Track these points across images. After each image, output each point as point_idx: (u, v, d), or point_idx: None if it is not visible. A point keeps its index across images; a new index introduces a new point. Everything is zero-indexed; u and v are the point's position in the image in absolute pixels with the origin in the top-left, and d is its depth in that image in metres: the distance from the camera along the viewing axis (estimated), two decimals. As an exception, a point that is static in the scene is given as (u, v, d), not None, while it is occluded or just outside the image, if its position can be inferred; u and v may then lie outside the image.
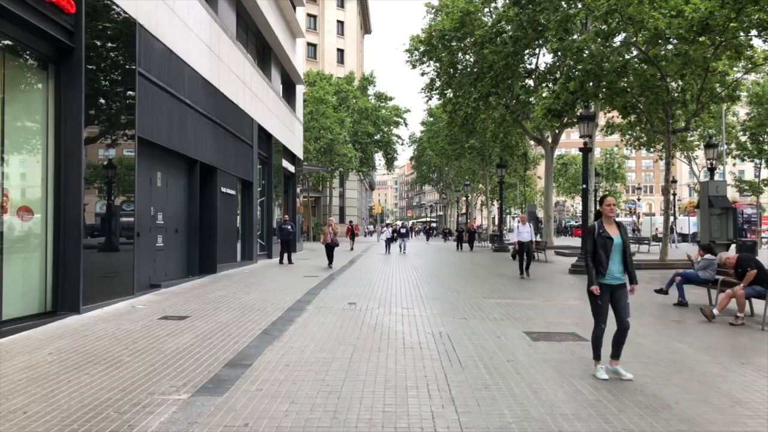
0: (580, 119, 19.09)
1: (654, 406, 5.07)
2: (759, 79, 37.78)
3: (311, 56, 58.08)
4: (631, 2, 18.25)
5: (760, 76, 37.08)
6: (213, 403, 4.98)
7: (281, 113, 25.49)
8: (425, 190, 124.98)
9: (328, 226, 20.42)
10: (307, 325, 8.66)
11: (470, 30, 29.40)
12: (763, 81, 38.37)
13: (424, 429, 4.47)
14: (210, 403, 5.00)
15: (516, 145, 41.46)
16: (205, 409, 4.85)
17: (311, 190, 50.54)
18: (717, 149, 24.92)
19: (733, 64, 22.61)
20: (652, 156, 66.11)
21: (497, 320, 9.38)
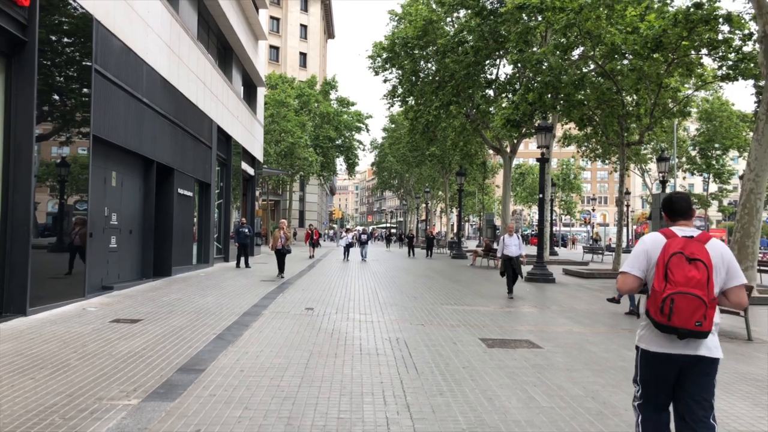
0: (538, 130, 19.45)
1: (604, 413, 5.18)
2: (708, 96, 39.15)
3: (273, 59, 57.69)
4: (589, 17, 18.72)
5: (709, 94, 38.43)
6: (164, 409, 4.88)
7: (242, 115, 25.24)
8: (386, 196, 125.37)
9: (279, 229, 17.94)
10: (263, 330, 8.57)
11: (432, 39, 29.68)
12: (712, 98, 39.77)
13: (379, 435, 4.47)
14: (161, 408, 4.89)
15: (475, 154, 41.98)
16: (156, 414, 4.74)
17: (271, 193, 50.11)
18: (668, 163, 25.70)
19: (684, 81, 23.40)
20: (607, 168, 67.79)
21: (454, 327, 9.45)
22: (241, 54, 24.60)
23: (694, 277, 3.28)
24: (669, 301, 3.28)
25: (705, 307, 3.25)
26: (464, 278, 19.43)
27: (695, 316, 3.24)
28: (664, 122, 27.64)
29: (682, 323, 3.26)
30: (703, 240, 3.42)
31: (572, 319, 10.84)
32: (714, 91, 37.61)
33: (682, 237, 3.45)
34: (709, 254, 3.35)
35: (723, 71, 19.26)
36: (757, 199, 14.38)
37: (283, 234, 17.62)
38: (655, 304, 3.37)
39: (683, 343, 3.37)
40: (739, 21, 17.28)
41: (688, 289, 3.26)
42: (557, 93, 21.33)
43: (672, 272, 3.32)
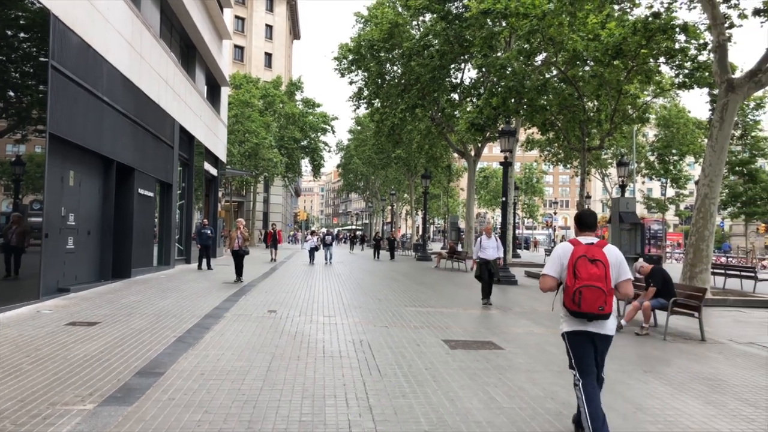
0: (502, 134, 19.69)
1: (563, 413, 5.26)
2: (666, 103, 40.19)
3: (238, 59, 57.10)
4: (552, 24, 19.04)
5: (667, 101, 39.45)
6: (121, 414, 4.78)
7: (205, 115, 24.91)
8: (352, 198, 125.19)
9: (236, 229, 16.83)
10: (225, 332, 8.46)
11: (398, 42, 29.78)
12: (669, 106, 40.83)
13: (341, 438, 4.45)
14: (118, 413, 4.79)
15: (440, 157, 42.22)
16: (112, 419, 4.64)
17: (234, 194, 49.56)
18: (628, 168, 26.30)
19: (643, 88, 23.97)
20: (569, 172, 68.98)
21: (417, 328, 9.48)
22: (205, 53, 24.29)
23: (595, 274, 4.33)
24: (578, 293, 4.33)
25: (605, 296, 4.32)
26: (429, 280, 19.52)
27: (598, 302, 4.31)
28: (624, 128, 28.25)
29: (588, 308, 4.33)
30: (601, 246, 4.50)
31: (533, 320, 10.99)
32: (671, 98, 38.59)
33: (585, 244, 4.51)
34: (606, 256, 4.43)
35: (680, 79, 19.80)
36: (711, 204, 14.79)
37: (240, 234, 16.57)
38: (568, 296, 4.42)
39: (592, 324, 4.47)
40: (695, 31, 17.79)
41: (591, 283, 4.31)
42: (521, 98, 21.63)
43: (579, 271, 4.37)
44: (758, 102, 33.97)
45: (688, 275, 14.61)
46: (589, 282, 4.31)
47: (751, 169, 35.60)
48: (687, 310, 9.93)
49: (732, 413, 5.51)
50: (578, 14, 19.66)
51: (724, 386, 6.56)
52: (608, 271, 4.37)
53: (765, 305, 15.04)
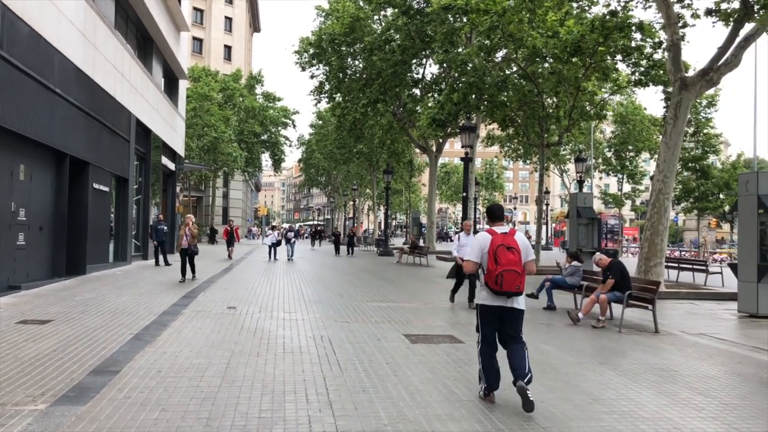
0: (462, 130, 19.81)
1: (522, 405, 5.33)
2: (623, 100, 41.07)
3: (197, 51, 56.11)
4: (512, 20, 19.25)
5: (623, 98, 40.32)
6: (74, 413, 4.65)
7: (162, 108, 24.42)
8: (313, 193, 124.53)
9: (184, 225, 15.34)
10: (183, 329, 8.32)
11: (360, 36, 29.71)
12: (626, 103, 41.74)
13: (301, 434, 4.42)
14: (71, 413, 4.66)
15: (402, 152, 42.34)
16: (65, 419, 4.52)
17: (193, 189, 48.78)
18: (585, 163, 26.80)
19: (600, 85, 24.46)
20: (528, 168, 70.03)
21: (378, 323, 9.49)
22: (162, 45, 23.78)
23: (512, 260, 5.19)
24: (500, 276, 5.16)
25: (520, 277, 5.20)
26: (390, 275, 19.57)
27: (515, 283, 5.18)
28: (582, 124, 28.82)
29: (508, 288, 5.18)
30: (512, 234, 5.35)
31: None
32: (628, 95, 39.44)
33: (500, 234, 5.33)
34: (518, 243, 5.28)
35: (636, 77, 20.28)
36: (666, 199, 15.19)
37: (189, 231, 15.07)
38: (491, 278, 5.23)
39: (510, 300, 5.31)
40: (650, 30, 18.23)
41: (510, 267, 5.16)
42: (481, 94, 21.83)
43: (499, 257, 5.19)
44: (710, 100, 35.00)
45: (643, 269, 14.98)
46: (508, 267, 5.17)
47: (703, 165, 36.70)
48: (642, 303, 10.18)
49: (683, 402, 5.67)
50: (538, 11, 19.94)
51: (675, 376, 6.75)
52: (521, 256, 5.25)
53: (715, 297, 15.54)
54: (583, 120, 25.40)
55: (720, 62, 14.55)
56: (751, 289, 11.95)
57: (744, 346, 8.91)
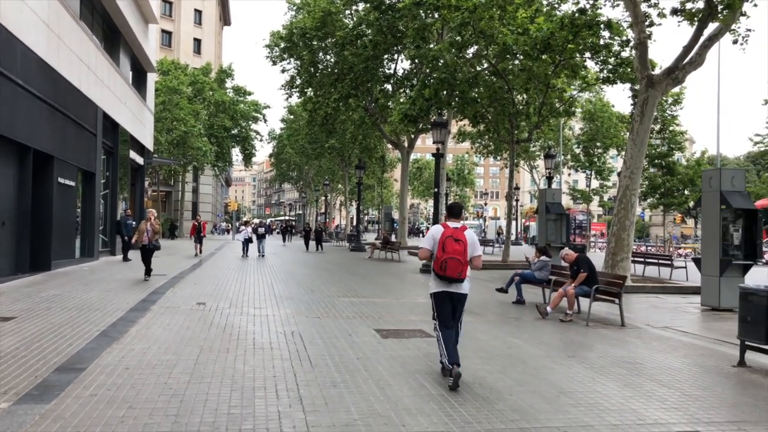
0: (434, 126, 19.89)
1: (491, 399, 5.40)
2: (591, 97, 41.62)
3: (166, 44, 55.22)
4: (483, 17, 19.35)
5: (592, 95, 40.87)
6: (38, 412, 4.56)
7: (130, 101, 23.99)
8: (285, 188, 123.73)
9: (146, 221, 14.45)
10: (151, 326, 8.22)
11: (331, 30, 29.55)
12: (594, 100, 42.31)
13: (270, 430, 4.41)
14: (34, 411, 4.57)
15: (374, 148, 42.33)
16: (28, 418, 4.43)
17: (162, 183, 48.08)
18: (554, 160, 27.12)
19: (570, 82, 24.75)
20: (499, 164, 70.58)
21: (350, 318, 9.50)
22: (130, 37, 23.34)
23: (457, 250, 5.87)
24: (445, 262, 5.86)
25: (462, 265, 5.87)
26: (362, 270, 19.58)
27: (457, 270, 5.86)
28: (551, 121, 29.12)
29: (451, 273, 5.87)
30: (462, 229, 6.02)
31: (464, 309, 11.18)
32: (596, 92, 39.98)
33: (452, 228, 6.02)
34: (465, 237, 5.94)
35: (604, 74, 20.57)
36: (632, 195, 15.46)
37: (150, 227, 14.17)
38: (437, 264, 5.93)
39: (453, 286, 6.00)
40: (618, 28, 18.49)
41: (454, 256, 5.84)
42: (452, 90, 21.92)
43: (446, 246, 5.88)
44: (675, 98, 35.66)
45: (610, 263, 15.24)
46: (452, 255, 5.86)
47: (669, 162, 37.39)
48: (608, 297, 10.36)
49: (647, 394, 5.79)
50: (508, 8, 20.08)
51: (640, 369, 6.89)
52: (466, 248, 5.92)
53: (679, 291, 15.89)
54: (553, 117, 25.66)
55: (685, 61, 14.84)
56: (714, 283, 12.26)
57: (706, 339, 9.13)
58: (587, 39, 19.08)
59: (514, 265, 20.12)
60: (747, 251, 12.27)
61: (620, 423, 4.89)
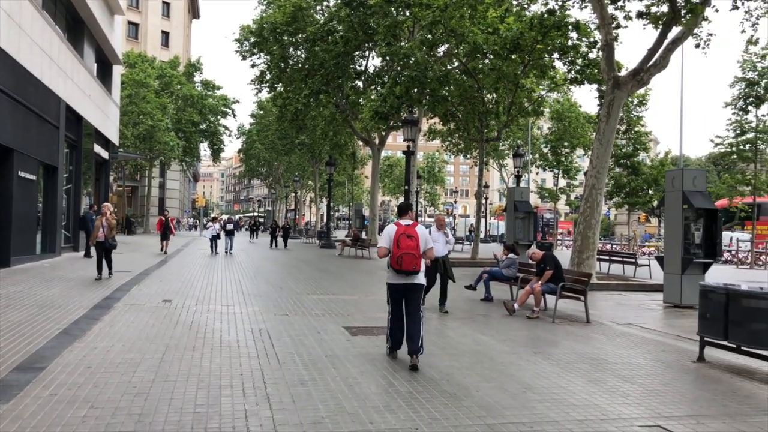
0: (405, 123, 19.92)
1: (458, 395, 5.43)
2: (559, 97, 42.15)
3: (132, 36, 54.19)
4: (454, 15, 19.44)
5: (560, 95, 41.39)
6: (-5, 413, 4.44)
7: (95, 94, 23.49)
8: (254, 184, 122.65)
9: (101, 216, 13.32)
10: (115, 323, 8.07)
11: (302, 26, 29.36)
12: (562, 100, 42.87)
13: (236, 428, 4.37)
14: (-8, 412, 4.45)
15: (345, 144, 42.20)
16: (-15, 419, 4.31)
17: (128, 178, 47.25)
18: (523, 159, 27.40)
19: (538, 82, 25.01)
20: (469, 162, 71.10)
21: (318, 316, 9.46)
22: (95, 28, 22.84)
23: (410, 245, 6.43)
24: (401, 258, 6.39)
25: (416, 259, 6.43)
26: (332, 268, 19.52)
27: (412, 264, 6.41)
28: (520, 120, 29.43)
29: (407, 267, 6.41)
30: (414, 226, 6.61)
31: (433, 306, 11.24)
32: (564, 93, 40.51)
33: (404, 225, 6.60)
34: (417, 233, 6.53)
35: (572, 75, 20.84)
36: (598, 194, 15.71)
37: (106, 222, 13.07)
38: (394, 260, 6.45)
39: (408, 277, 6.52)
40: (586, 29, 18.76)
41: (408, 251, 6.40)
42: (423, 88, 21.98)
43: (400, 243, 6.43)
44: (641, 99, 36.33)
45: (576, 261, 15.47)
46: (407, 250, 6.40)
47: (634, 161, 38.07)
48: (574, 294, 10.52)
49: (611, 389, 5.90)
50: (478, 8, 20.21)
51: (605, 365, 7.01)
52: (418, 243, 6.49)
53: (643, 289, 16.21)
54: (522, 116, 25.93)
55: (650, 63, 15.12)
56: (676, 281, 12.53)
57: (668, 335, 9.33)
58: (556, 39, 19.32)
59: (482, 263, 20.29)
60: (707, 250, 12.57)
61: (584, 418, 4.96)
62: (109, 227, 13.13)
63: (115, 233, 13.56)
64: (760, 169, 28.92)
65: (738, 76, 27.75)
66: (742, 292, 6.75)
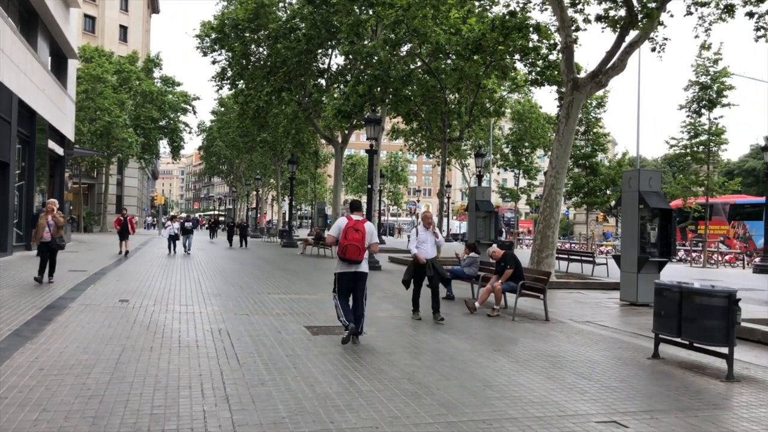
0: (367, 122, 19.89)
1: (419, 393, 5.45)
2: (520, 98, 42.70)
3: (89, 30, 52.79)
4: (417, 15, 19.52)
5: (521, 96, 41.93)
6: (-60, 418, 4.27)
7: (49, 89, 22.83)
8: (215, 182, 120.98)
9: (45, 213, 12.16)
10: (69, 324, 7.86)
11: (264, 23, 29.07)
12: (523, 101, 43.44)
13: (195, 429, 4.30)
14: (-64, 417, 4.28)
15: (308, 143, 41.95)
16: (-70, 425, 4.14)
17: (84, 176, 46.04)
18: (485, 159, 27.69)
19: (500, 83, 25.30)
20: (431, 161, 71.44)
21: (280, 315, 9.39)
22: (49, 21, 22.19)
23: (356, 238, 7.35)
24: (345, 248, 7.35)
25: (359, 250, 7.37)
26: (293, 266, 19.39)
27: (355, 254, 7.36)
28: (482, 121, 29.69)
29: (350, 256, 7.37)
30: (362, 222, 7.53)
31: (395, 304, 11.28)
32: (525, 94, 41.04)
33: (354, 220, 7.50)
34: (364, 227, 7.45)
35: (532, 76, 21.13)
36: (557, 194, 15.96)
37: (52, 220, 11.93)
38: (340, 249, 7.42)
39: (353, 266, 7.49)
40: (546, 31, 19.03)
41: (353, 243, 7.33)
42: (386, 87, 22.01)
43: (347, 235, 7.36)
44: (599, 101, 37.03)
45: (535, 260, 15.69)
46: (351, 242, 7.32)
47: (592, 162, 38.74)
48: (534, 293, 10.67)
49: (569, 386, 6.00)
50: (441, 8, 20.33)
51: (563, 362, 7.13)
52: (364, 236, 7.40)
53: (601, 287, 16.54)
54: (483, 116, 26.20)
55: (608, 66, 15.43)
56: (632, 279, 12.83)
57: (624, 333, 9.55)
58: (517, 41, 19.56)
59: (444, 262, 20.39)
60: (662, 249, 12.90)
61: (543, 415, 5.04)
62: (56, 226, 11.95)
63: (63, 233, 12.39)
64: (712, 171, 29.78)
65: (692, 80, 28.51)
66: (694, 290, 6.94)
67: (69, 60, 26.88)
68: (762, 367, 7.27)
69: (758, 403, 5.71)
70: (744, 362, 7.32)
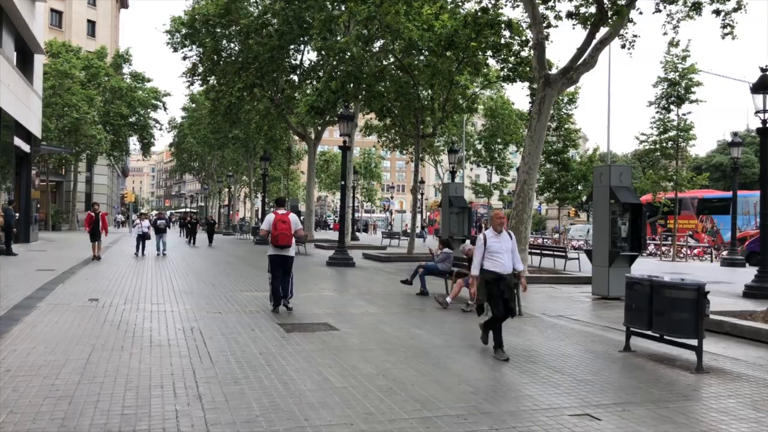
0: (341, 118, 19.83)
1: (393, 389, 5.45)
2: (493, 95, 42.95)
3: (56, 24, 51.67)
4: (389, 11, 19.47)
5: (493, 93, 42.17)
6: None
7: (14, 84, 22.28)
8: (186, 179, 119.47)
9: None
10: (37, 324, 7.70)
11: (236, 18, 28.75)
12: (495, 97, 43.70)
13: (167, 429, 4.24)
14: None
15: (280, 139, 41.65)
16: None
17: (52, 173, 45.06)
18: (458, 155, 27.81)
19: (473, 79, 25.38)
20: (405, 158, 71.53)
21: (253, 313, 9.32)
22: (14, 14, 21.65)
23: (284, 228, 9.25)
24: (276, 237, 9.27)
25: (288, 237, 9.33)
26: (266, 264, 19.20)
27: (284, 241, 9.33)
28: (455, 117, 29.76)
29: (281, 243, 9.33)
30: (287, 214, 9.39)
31: (369, 301, 11.28)
32: (497, 90, 41.26)
33: (280, 214, 9.38)
34: (289, 219, 9.34)
35: (504, 73, 21.27)
36: (530, 189, 16.08)
37: None
38: (273, 238, 9.32)
39: (283, 251, 9.45)
40: (518, 28, 19.15)
41: (283, 232, 9.25)
42: (359, 83, 21.95)
43: (276, 225, 9.25)
44: (571, 97, 37.43)
45: (508, 255, 15.77)
46: (282, 231, 9.23)
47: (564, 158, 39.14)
48: (507, 287, 10.71)
49: (542, 380, 6.06)
50: (414, 4, 20.30)
51: (536, 356, 7.19)
52: (290, 226, 9.30)
53: (573, 281, 16.74)
54: (456, 113, 26.26)
55: (579, 62, 15.59)
56: (603, 274, 12.99)
57: (596, 326, 9.67)
58: (489, 38, 19.63)
59: (418, 257, 20.46)
60: (633, 243, 13.08)
61: (517, 409, 5.08)
62: None
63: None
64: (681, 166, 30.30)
65: (661, 77, 28.96)
66: (664, 283, 7.06)
67: (35, 55, 26.28)
68: (730, 359, 7.43)
69: (727, 394, 5.83)
70: (713, 354, 7.47)
